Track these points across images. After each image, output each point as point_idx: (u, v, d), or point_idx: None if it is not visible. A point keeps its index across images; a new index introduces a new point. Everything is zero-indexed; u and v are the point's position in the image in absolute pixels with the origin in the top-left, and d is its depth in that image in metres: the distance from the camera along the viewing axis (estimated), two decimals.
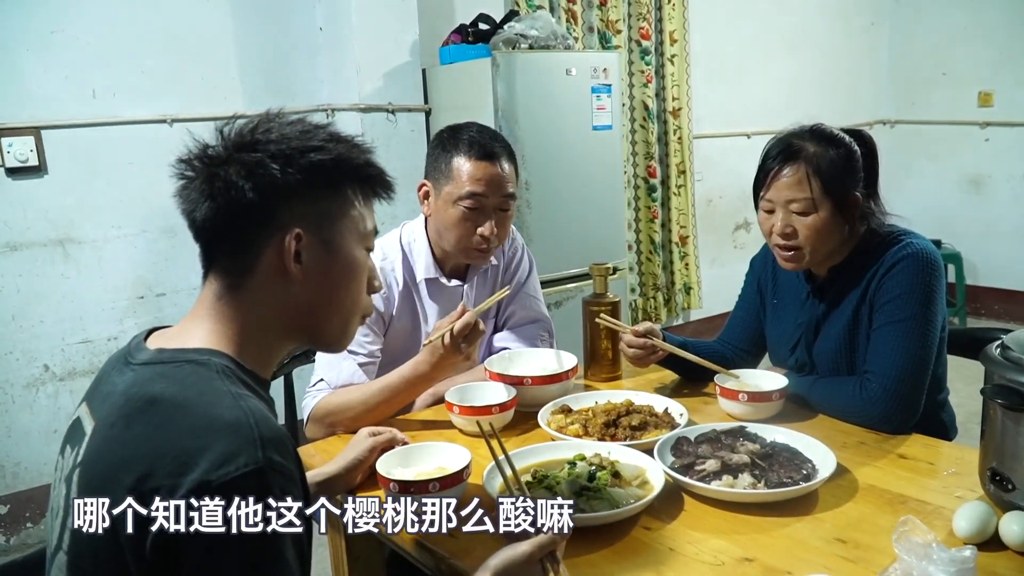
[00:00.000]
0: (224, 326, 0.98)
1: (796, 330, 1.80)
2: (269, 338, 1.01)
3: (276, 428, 0.87)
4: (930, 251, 1.63)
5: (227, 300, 0.98)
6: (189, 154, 0.98)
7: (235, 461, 0.81)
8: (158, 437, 0.84)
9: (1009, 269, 5.49)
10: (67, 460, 0.95)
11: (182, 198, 0.99)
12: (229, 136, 0.98)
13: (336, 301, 1.04)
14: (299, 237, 0.97)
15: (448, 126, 1.89)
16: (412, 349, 1.89)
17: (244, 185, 0.94)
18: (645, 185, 4.76)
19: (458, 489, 1.32)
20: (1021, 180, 5.42)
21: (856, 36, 5.81)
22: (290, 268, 0.97)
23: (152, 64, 3.17)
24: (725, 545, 1.18)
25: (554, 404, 1.69)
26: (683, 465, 1.38)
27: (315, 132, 1.00)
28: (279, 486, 0.83)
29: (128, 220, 3.18)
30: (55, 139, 3.00)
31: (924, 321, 1.59)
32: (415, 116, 3.64)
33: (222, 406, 0.86)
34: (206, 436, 0.82)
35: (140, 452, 0.84)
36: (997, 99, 5.45)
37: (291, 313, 1.01)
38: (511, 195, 1.84)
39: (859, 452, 1.48)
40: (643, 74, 4.61)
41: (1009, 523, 1.12)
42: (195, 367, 0.91)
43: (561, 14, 4.16)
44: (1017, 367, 1.16)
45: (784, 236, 1.66)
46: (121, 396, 0.91)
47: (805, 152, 1.63)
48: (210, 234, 0.98)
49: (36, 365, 3.05)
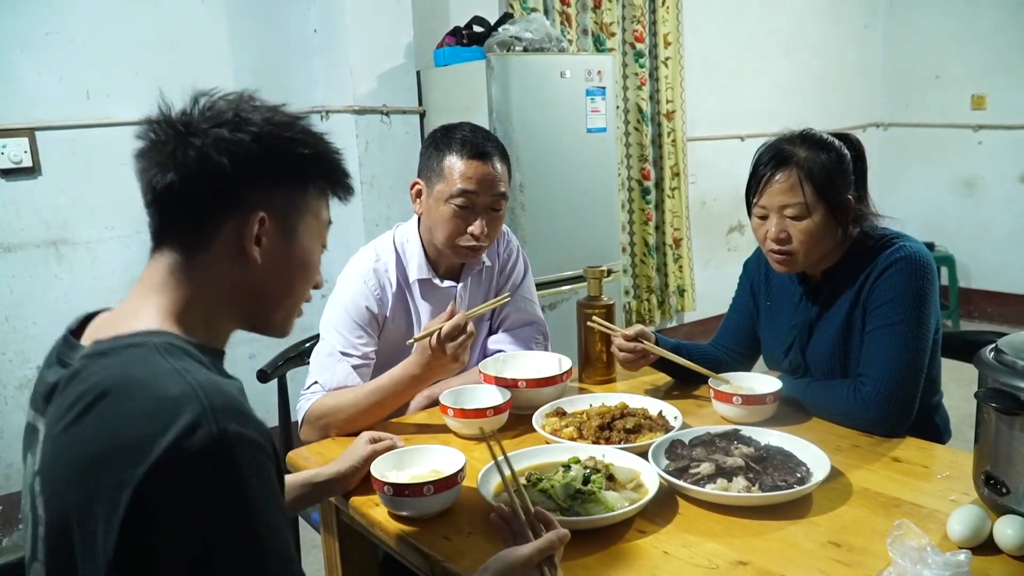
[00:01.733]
0: (172, 301, 0.95)
1: (790, 332, 1.81)
2: (218, 318, 0.99)
3: (229, 396, 0.83)
4: (923, 254, 1.64)
5: (178, 276, 0.96)
6: (161, 115, 0.96)
7: (191, 438, 0.77)
8: (108, 430, 0.80)
9: (1002, 272, 5.50)
10: (28, 468, 0.93)
11: (145, 160, 0.96)
12: (207, 109, 0.96)
13: (286, 290, 1.03)
14: (263, 221, 0.96)
15: (441, 126, 1.89)
16: (407, 350, 1.89)
17: (221, 159, 0.92)
18: (639, 187, 4.77)
19: (453, 492, 1.32)
20: (1014, 183, 5.43)
21: (849, 39, 5.83)
22: (249, 250, 0.96)
23: (146, 65, 3.16)
24: (719, 548, 1.18)
25: (549, 407, 1.69)
26: (677, 468, 1.38)
27: (293, 123, 1.00)
28: (244, 457, 0.80)
29: (122, 221, 3.17)
30: (49, 140, 3.00)
31: (917, 324, 1.60)
32: (409, 118, 3.64)
33: (167, 383, 0.82)
34: (156, 418, 0.78)
35: (93, 450, 0.80)
36: (990, 102, 5.47)
37: (239, 295, 0.99)
38: (503, 194, 1.84)
39: (853, 455, 1.48)
40: (637, 77, 4.61)
41: (1003, 527, 1.12)
42: (136, 350, 0.87)
43: (555, 17, 4.16)
44: (1012, 371, 1.16)
45: (778, 241, 1.66)
46: (63, 395, 0.87)
47: (796, 157, 1.64)
48: (168, 204, 0.95)
49: (29, 366, 3.04)
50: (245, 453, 0.80)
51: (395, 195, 3.51)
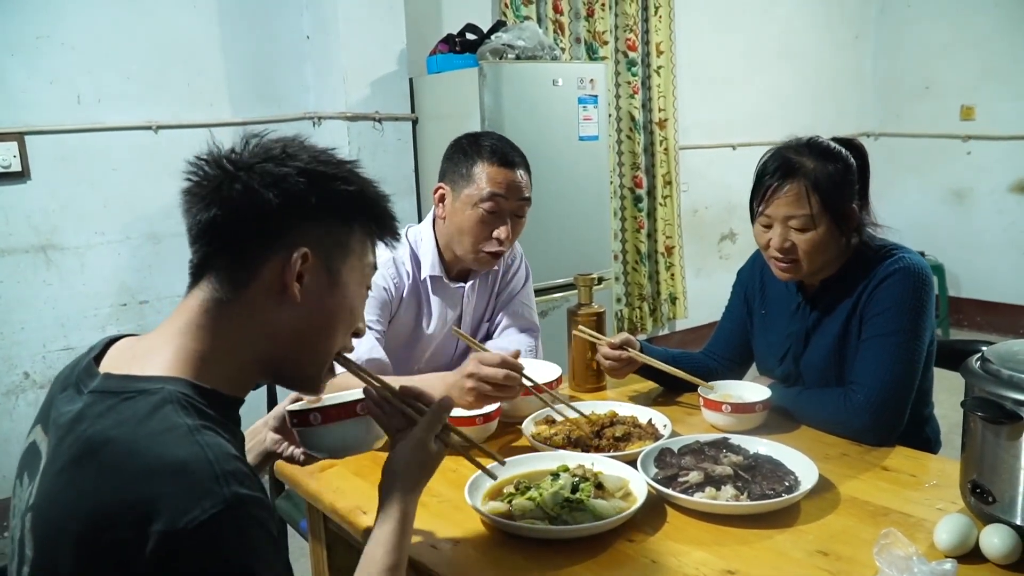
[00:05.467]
0: (197, 345, 0.93)
1: (785, 341, 1.80)
2: (245, 361, 0.96)
3: (233, 457, 0.83)
4: (921, 266, 1.64)
5: (212, 314, 0.93)
6: (210, 154, 0.95)
7: (200, 505, 0.76)
8: (112, 486, 0.79)
9: (991, 281, 5.53)
10: (24, 492, 0.91)
11: (191, 196, 0.95)
12: (255, 147, 0.96)
13: (325, 333, 1.00)
14: (306, 257, 0.94)
15: (466, 134, 1.93)
16: (412, 343, 1.94)
17: (267, 194, 0.92)
18: (631, 195, 4.78)
19: (352, 426, 1.16)
20: (1003, 193, 5.47)
21: (841, 49, 5.86)
22: (290, 287, 0.94)
23: (138, 70, 3.16)
24: (707, 557, 1.18)
25: (538, 415, 1.68)
26: (666, 477, 1.38)
27: (341, 163, 1.00)
28: (254, 517, 0.80)
29: (111, 227, 3.16)
30: (39, 145, 2.99)
31: (912, 335, 1.60)
32: (402, 125, 3.64)
33: (175, 444, 0.80)
34: (162, 480, 0.78)
35: (94, 503, 0.78)
36: (979, 112, 5.51)
37: (274, 338, 0.96)
38: (527, 200, 1.89)
39: (842, 464, 1.49)
40: (629, 85, 4.63)
41: (990, 536, 1.13)
42: (146, 398, 0.85)
43: (548, 25, 4.18)
44: (997, 380, 1.16)
45: (783, 251, 1.65)
46: (68, 432, 0.85)
47: (804, 168, 1.62)
48: (212, 237, 0.94)
49: (16, 372, 3.02)
50: (253, 513, 0.80)
51: None
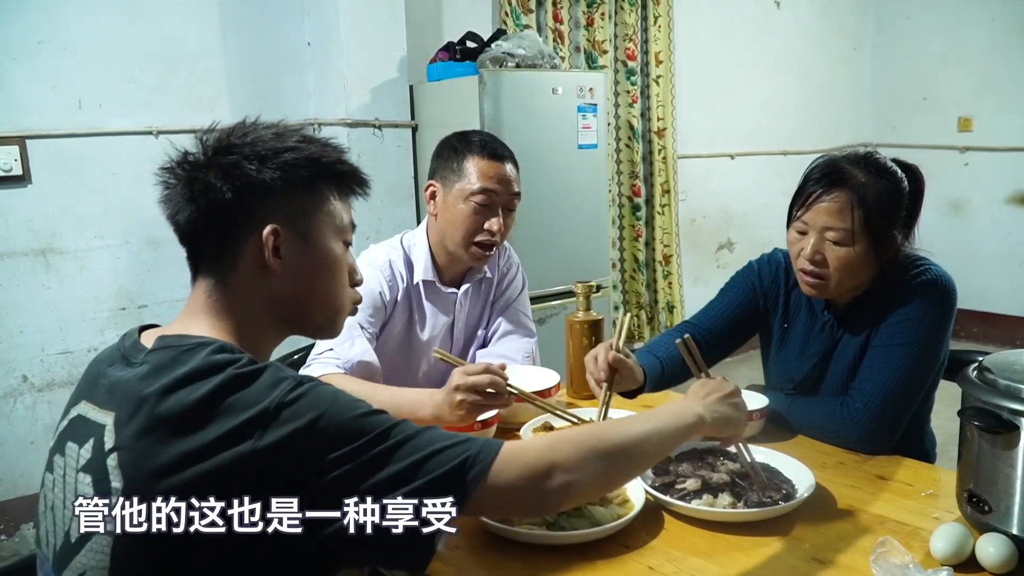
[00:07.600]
0: (219, 320, 1.03)
1: (808, 360, 1.73)
2: (262, 330, 1.07)
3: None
4: (947, 279, 1.60)
5: (216, 297, 1.03)
6: (170, 162, 1.04)
7: (280, 386, 0.90)
8: (206, 403, 0.88)
9: (988, 292, 5.54)
10: (78, 454, 0.95)
11: (166, 204, 1.04)
12: (208, 143, 1.03)
13: (317, 291, 1.09)
14: (276, 232, 1.02)
15: (454, 132, 1.95)
16: (403, 348, 1.94)
17: (222, 187, 1.00)
18: (629, 204, 4.79)
19: None
20: (1000, 204, 5.49)
21: (839, 60, 5.89)
22: (269, 262, 1.02)
23: (139, 76, 3.17)
24: (704, 564, 1.19)
25: (536, 421, 1.69)
26: (663, 484, 1.38)
27: (289, 134, 1.06)
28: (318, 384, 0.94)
29: (111, 231, 3.16)
30: (40, 149, 2.99)
31: (926, 349, 1.56)
32: (402, 132, 3.65)
33: (247, 363, 0.93)
34: (246, 389, 0.89)
35: (194, 419, 0.87)
36: (976, 124, 5.53)
37: (276, 305, 1.06)
38: (517, 194, 1.91)
39: (838, 472, 1.49)
40: (628, 94, 4.65)
41: (985, 545, 1.13)
42: (205, 347, 0.95)
43: (548, 34, 4.19)
44: (994, 390, 1.17)
45: (813, 263, 1.58)
46: (144, 380, 0.93)
47: (853, 180, 1.54)
48: (194, 236, 1.04)
49: (15, 376, 3.02)
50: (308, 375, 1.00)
51: (386, 208, 3.51)
